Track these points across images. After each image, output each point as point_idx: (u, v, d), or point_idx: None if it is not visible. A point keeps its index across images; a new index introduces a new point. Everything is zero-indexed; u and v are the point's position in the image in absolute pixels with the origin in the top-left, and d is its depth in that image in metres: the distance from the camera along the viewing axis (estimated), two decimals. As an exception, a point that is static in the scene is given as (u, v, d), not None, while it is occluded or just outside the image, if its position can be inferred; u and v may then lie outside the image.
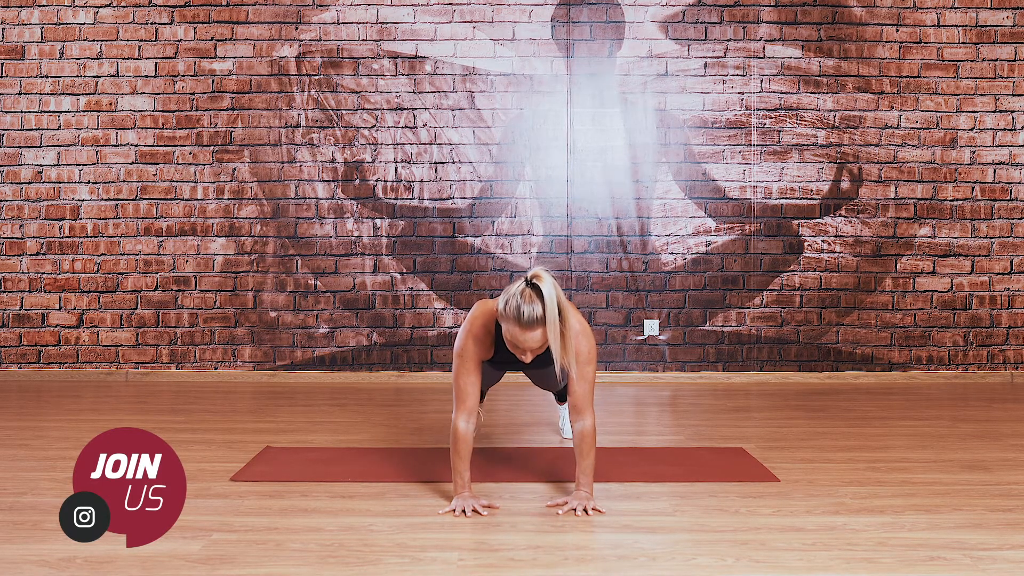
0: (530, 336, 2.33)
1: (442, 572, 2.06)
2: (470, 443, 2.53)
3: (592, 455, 2.54)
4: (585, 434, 2.53)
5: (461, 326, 2.60)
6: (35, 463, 3.09)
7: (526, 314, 2.31)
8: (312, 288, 5.02)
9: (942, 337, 5.04)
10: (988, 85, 5.02)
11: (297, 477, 2.89)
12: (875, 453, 3.26)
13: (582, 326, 2.53)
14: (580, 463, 2.54)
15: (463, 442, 2.52)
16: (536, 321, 2.31)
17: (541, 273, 2.35)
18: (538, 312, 2.31)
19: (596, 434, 2.55)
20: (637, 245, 5.03)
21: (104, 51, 5.01)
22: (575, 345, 2.47)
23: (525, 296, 2.32)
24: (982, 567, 2.09)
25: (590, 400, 2.53)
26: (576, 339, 2.48)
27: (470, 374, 2.54)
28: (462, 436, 2.52)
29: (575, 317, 2.52)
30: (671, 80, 5.02)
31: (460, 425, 2.52)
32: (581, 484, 2.54)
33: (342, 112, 5.00)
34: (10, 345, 5.04)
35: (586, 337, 2.52)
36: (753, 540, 2.28)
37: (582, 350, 2.50)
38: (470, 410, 2.53)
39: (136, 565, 2.09)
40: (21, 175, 5.03)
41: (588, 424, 2.53)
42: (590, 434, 2.53)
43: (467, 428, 2.52)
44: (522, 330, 2.33)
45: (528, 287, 2.34)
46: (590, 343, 2.53)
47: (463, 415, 2.53)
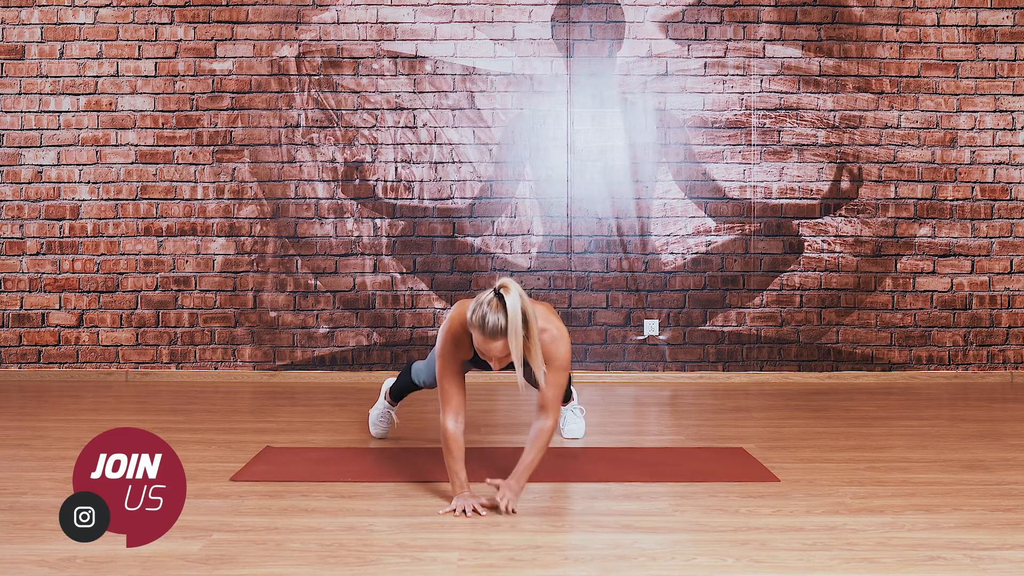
0: (494, 346, 2.37)
1: (442, 572, 2.06)
2: (461, 442, 2.54)
3: (539, 455, 2.54)
4: (542, 432, 2.54)
5: (441, 326, 2.62)
6: (35, 463, 3.09)
7: (490, 323, 2.34)
8: (312, 288, 5.02)
9: (942, 337, 5.05)
10: (988, 85, 5.02)
11: (297, 477, 2.89)
12: (875, 453, 3.26)
13: (559, 331, 2.55)
14: (524, 456, 2.55)
15: (454, 441, 2.53)
16: (499, 332, 2.35)
17: (508, 284, 2.38)
18: (501, 323, 2.34)
19: (551, 437, 2.57)
20: (637, 245, 5.03)
21: (104, 51, 5.01)
22: (552, 350, 2.51)
23: (491, 306, 2.35)
24: (982, 567, 2.09)
25: (557, 404, 2.56)
26: (553, 344, 2.51)
27: (452, 375, 2.57)
28: (452, 436, 2.53)
29: (552, 323, 2.55)
30: (671, 80, 5.02)
31: (449, 425, 2.54)
32: (514, 475, 2.53)
33: (342, 112, 5.01)
34: (10, 345, 5.04)
35: (563, 343, 2.55)
36: (753, 540, 2.28)
37: (559, 355, 2.53)
38: (456, 409, 2.56)
39: (136, 565, 2.09)
40: (21, 175, 5.03)
41: (549, 425, 2.55)
42: (547, 434, 2.54)
43: (456, 427, 2.54)
44: (485, 339, 2.36)
45: (495, 297, 2.36)
46: (566, 348, 2.55)
47: (450, 415, 2.55)
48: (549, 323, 2.55)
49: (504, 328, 2.34)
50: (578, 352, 5.03)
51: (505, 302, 2.34)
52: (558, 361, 2.53)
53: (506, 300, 2.34)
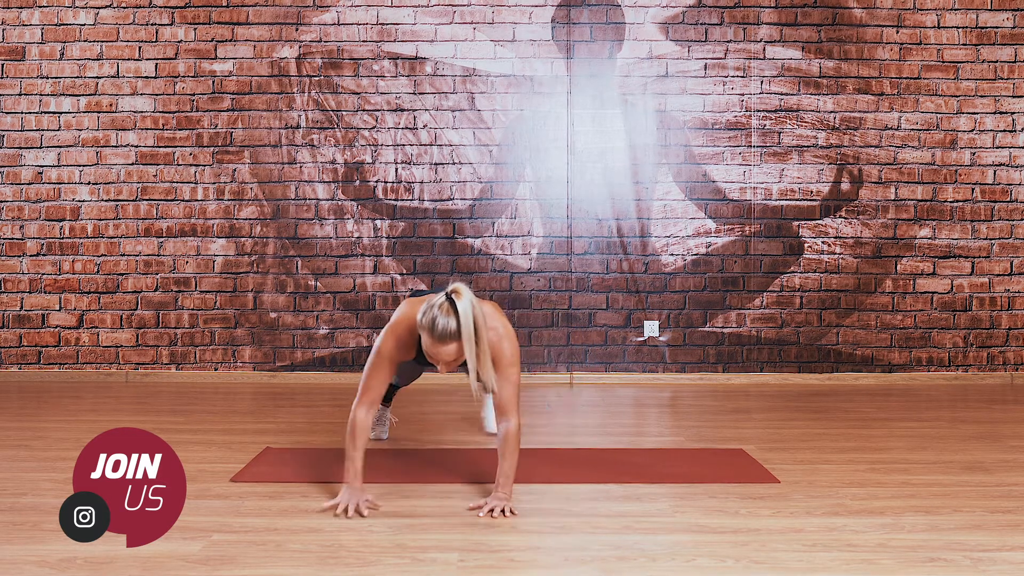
0: (443, 350, 2.37)
1: (442, 572, 2.06)
2: (368, 432, 2.55)
3: (515, 457, 2.54)
4: (509, 435, 2.53)
5: (387, 324, 2.62)
6: (35, 463, 3.09)
7: (440, 327, 2.34)
8: (312, 289, 5.02)
9: (942, 338, 5.04)
10: (988, 86, 5.02)
11: (297, 478, 2.89)
12: (875, 454, 3.26)
13: (506, 329, 2.56)
14: (502, 464, 2.54)
15: (361, 431, 2.53)
16: (449, 336, 2.35)
17: (460, 289, 2.38)
18: (452, 327, 2.34)
19: (520, 436, 2.56)
20: (637, 246, 5.03)
21: (104, 52, 5.01)
22: (499, 349, 2.52)
23: (442, 310, 2.35)
24: (982, 568, 2.09)
25: (515, 402, 2.56)
26: (499, 342, 2.52)
27: (382, 372, 2.58)
28: (361, 425, 2.53)
29: (499, 321, 2.56)
30: (671, 81, 5.02)
31: (360, 414, 2.54)
32: (500, 485, 2.54)
33: (342, 113, 5.01)
34: (10, 346, 5.04)
35: (509, 340, 2.55)
36: (753, 541, 2.28)
37: (505, 353, 2.53)
38: (372, 402, 2.57)
39: (136, 565, 2.09)
40: (21, 176, 5.03)
41: (513, 425, 2.54)
42: (514, 436, 2.54)
43: (366, 419, 2.55)
44: (434, 343, 2.36)
45: (447, 301, 2.36)
46: (513, 346, 2.56)
47: (364, 405, 2.56)
48: (495, 322, 2.56)
49: (454, 332, 2.34)
50: (578, 353, 5.04)
51: (457, 307, 2.34)
52: (506, 359, 2.54)
53: (458, 305, 2.34)
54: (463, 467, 3.06)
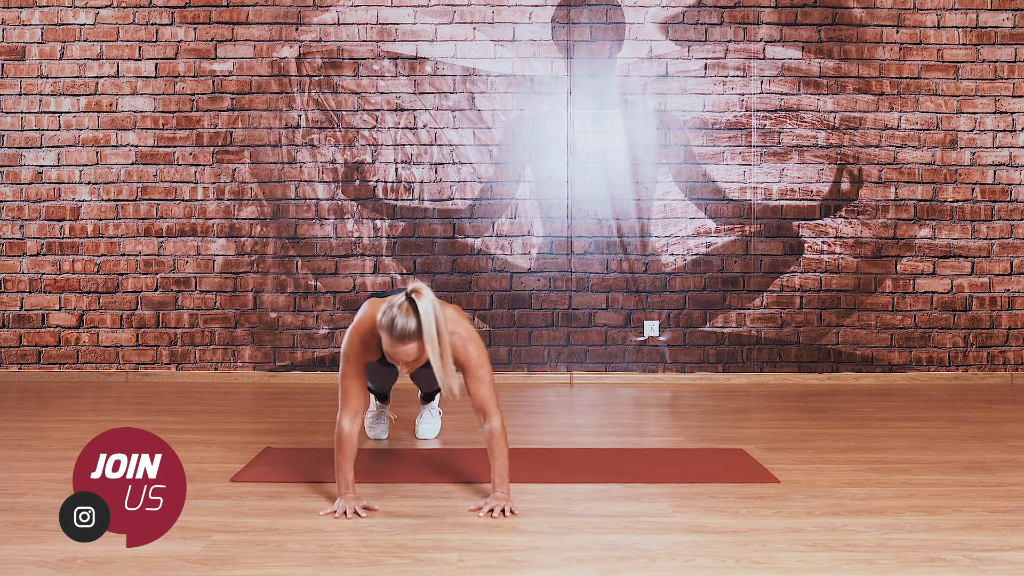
0: (403, 349, 2.35)
1: (442, 572, 2.06)
2: (355, 444, 2.54)
3: (505, 455, 2.54)
4: (495, 435, 2.53)
5: (350, 326, 2.61)
6: (35, 463, 3.09)
7: (399, 327, 2.32)
8: (312, 289, 5.02)
9: (942, 338, 5.04)
10: (988, 86, 5.02)
11: (297, 478, 2.89)
12: (875, 454, 3.26)
13: (468, 332, 2.57)
14: (494, 464, 2.54)
15: (347, 443, 2.53)
16: (409, 336, 2.33)
17: (421, 289, 2.37)
18: (412, 327, 2.32)
19: (506, 433, 2.56)
20: (637, 246, 5.03)
21: (104, 52, 5.01)
22: (464, 352, 2.52)
23: (402, 309, 2.33)
24: (982, 568, 2.09)
25: (494, 400, 2.55)
26: (464, 346, 2.52)
27: (355, 376, 2.56)
28: (346, 436, 2.53)
29: (462, 325, 2.56)
30: (671, 81, 5.02)
31: (344, 425, 2.53)
32: (497, 486, 2.53)
33: (342, 113, 5.01)
34: (10, 346, 5.04)
35: (473, 342, 2.56)
36: (753, 541, 2.28)
37: (472, 355, 2.54)
38: (355, 411, 2.55)
39: (136, 565, 2.09)
40: (21, 176, 5.03)
41: (496, 424, 2.54)
42: (499, 434, 2.53)
43: (351, 428, 2.54)
44: (394, 342, 2.34)
45: (407, 301, 2.35)
46: (478, 347, 2.56)
47: (347, 416, 2.54)
48: (458, 326, 2.55)
49: (413, 332, 2.32)
50: (578, 353, 5.04)
51: (417, 306, 2.33)
52: (473, 361, 2.54)
53: (418, 305, 2.33)
54: (463, 467, 3.07)
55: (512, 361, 5.03)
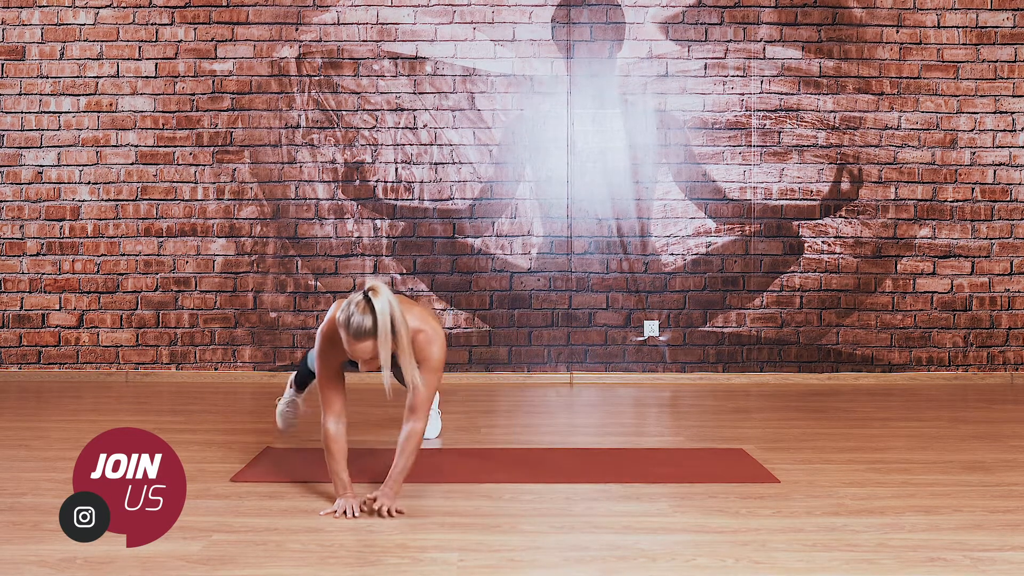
0: (360, 347, 2.36)
1: (442, 572, 2.06)
2: (343, 443, 2.56)
3: (412, 458, 2.54)
4: (413, 435, 2.54)
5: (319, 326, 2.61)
6: (35, 463, 3.09)
7: (355, 325, 2.33)
8: (312, 289, 5.02)
9: (942, 338, 5.04)
10: (988, 86, 5.02)
11: (297, 478, 2.90)
12: (875, 454, 3.26)
13: (435, 332, 2.56)
14: (397, 461, 2.54)
15: (335, 443, 2.55)
16: (365, 334, 2.34)
17: (378, 287, 2.37)
18: (367, 325, 2.33)
19: (421, 440, 2.57)
20: (637, 246, 5.03)
21: (104, 52, 5.01)
22: (427, 351, 2.52)
23: (359, 307, 2.34)
24: (982, 568, 2.09)
25: (428, 405, 2.56)
26: (428, 344, 2.53)
27: (331, 378, 2.58)
28: (333, 437, 2.55)
29: (428, 324, 2.56)
30: (671, 81, 5.02)
31: (330, 427, 2.55)
32: (387, 483, 2.53)
33: (342, 113, 5.01)
34: (10, 346, 5.04)
35: (439, 344, 2.56)
36: (753, 541, 2.28)
37: (433, 356, 2.54)
38: (338, 412, 2.57)
39: (136, 565, 2.09)
40: (21, 176, 5.03)
41: (419, 427, 2.54)
42: (417, 436, 2.54)
43: (337, 429, 2.55)
44: (351, 341, 2.35)
45: (363, 299, 2.36)
46: (441, 351, 2.57)
47: (331, 418, 2.56)
48: (425, 324, 2.55)
49: (370, 330, 2.33)
50: (578, 353, 5.04)
51: (373, 305, 2.34)
52: (432, 362, 2.54)
53: (374, 303, 2.34)
54: (462, 467, 3.07)
55: (512, 361, 5.03)
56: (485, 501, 2.64)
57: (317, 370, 2.59)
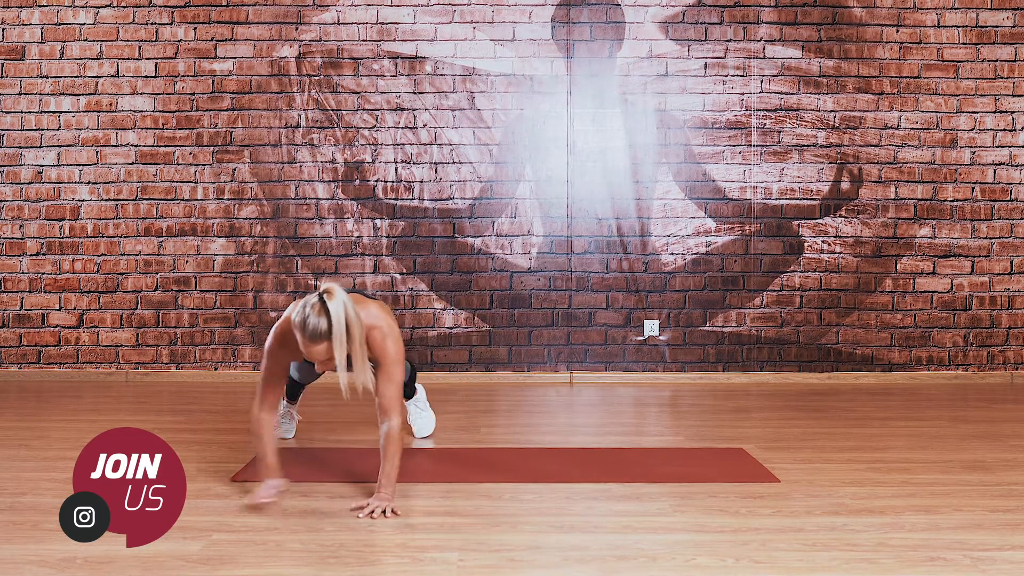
0: (315, 349, 2.36)
1: (442, 572, 2.06)
2: (271, 428, 2.57)
3: (397, 457, 2.53)
4: (391, 436, 2.52)
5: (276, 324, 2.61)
6: (35, 463, 3.09)
7: (311, 327, 2.34)
8: (312, 288, 5.02)
9: (942, 338, 5.04)
10: (988, 86, 5.02)
11: (297, 477, 2.89)
12: (875, 453, 3.26)
13: (390, 328, 2.58)
14: (383, 464, 2.53)
15: (263, 425, 2.56)
16: (320, 336, 2.34)
17: (333, 289, 2.37)
18: (323, 327, 2.33)
19: (402, 436, 2.56)
20: (637, 245, 5.03)
21: (104, 51, 5.01)
22: (382, 347, 2.54)
23: (314, 309, 2.35)
24: (982, 568, 2.09)
25: (398, 401, 2.56)
26: (383, 341, 2.54)
27: (274, 375, 2.59)
28: (263, 422, 2.57)
29: (383, 320, 2.57)
30: (671, 80, 5.02)
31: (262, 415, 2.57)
32: (382, 486, 2.52)
33: (342, 112, 5.01)
34: (10, 345, 5.04)
35: (394, 339, 2.57)
36: (753, 541, 2.28)
37: (389, 351, 2.55)
38: (271, 405, 2.59)
39: (136, 565, 2.09)
40: (21, 175, 5.03)
41: (395, 425, 2.53)
42: (396, 436, 2.53)
43: (267, 418, 2.57)
44: (307, 342, 2.36)
45: (319, 301, 2.36)
46: (398, 345, 2.57)
47: (265, 409, 2.59)
48: (380, 320, 2.56)
49: (325, 332, 2.34)
50: (578, 353, 5.03)
51: (328, 307, 2.33)
52: (389, 357, 2.55)
53: (329, 306, 2.34)
54: (462, 467, 3.07)
55: (512, 361, 5.03)
56: (485, 501, 2.64)
57: (263, 365, 2.59)
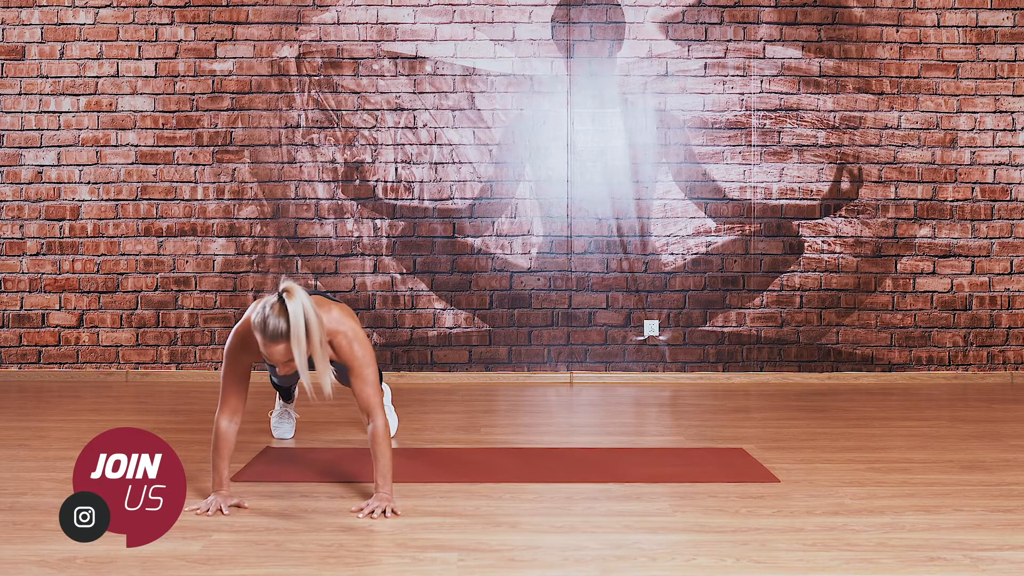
0: (275, 349, 2.34)
1: (442, 572, 2.06)
2: (230, 443, 2.55)
3: (387, 456, 2.52)
4: (377, 435, 2.52)
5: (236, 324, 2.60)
6: (35, 463, 3.09)
7: (270, 327, 2.31)
8: (312, 289, 5.01)
9: (942, 338, 5.04)
10: (988, 86, 5.02)
11: (297, 477, 2.90)
12: (875, 453, 3.26)
13: (355, 332, 2.56)
14: (376, 465, 2.52)
15: (223, 441, 2.54)
16: (279, 336, 2.31)
17: (292, 288, 2.34)
18: (282, 328, 2.31)
19: (388, 434, 2.54)
20: (637, 245, 5.03)
21: (104, 51, 5.01)
22: (349, 352, 2.53)
23: (273, 310, 2.32)
24: (982, 567, 2.09)
25: (377, 401, 2.55)
26: (349, 346, 2.53)
27: (235, 376, 2.57)
28: (222, 435, 2.54)
29: (347, 324, 2.56)
30: (671, 80, 5.02)
31: (222, 424, 2.55)
32: (380, 486, 2.52)
33: (342, 112, 5.01)
34: (10, 345, 5.04)
35: (359, 342, 2.56)
36: (753, 541, 2.28)
37: (357, 355, 2.54)
38: (233, 410, 2.57)
39: (136, 565, 2.09)
40: (21, 175, 5.03)
41: (379, 424, 2.53)
42: (382, 434, 2.52)
43: (228, 427, 2.55)
44: (266, 343, 2.33)
45: (278, 301, 2.34)
46: (364, 347, 2.56)
47: (225, 415, 2.56)
48: (343, 325, 2.55)
49: (284, 332, 2.31)
50: (578, 353, 5.03)
51: (287, 307, 2.32)
52: (359, 361, 2.54)
53: (288, 306, 2.31)
54: (463, 467, 3.07)
55: (512, 361, 5.03)
56: (485, 501, 2.64)
57: (223, 369, 2.58)
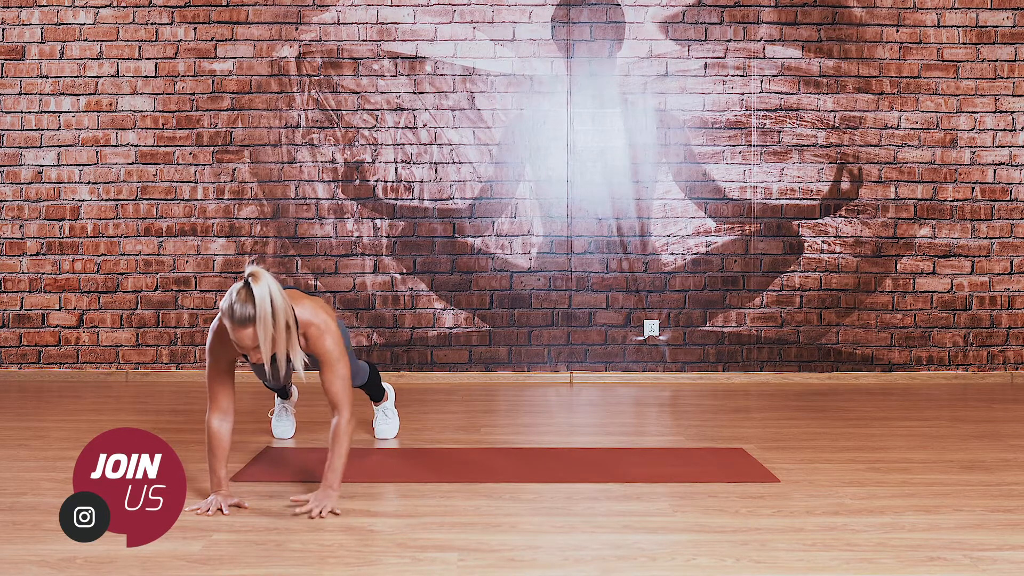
0: (243, 335, 2.33)
1: (442, 572, 2.06)
2: (224, 442, 2.54)
3: (344, 452, 2.51)
4: (339, 430, 2.51)
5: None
6: (35, 463, 3.09)
7: (238, 312, 2.30)
8: (312, 288, 5.02)
9: (942, 337, 5.04)
10: (988, 85, 5.02)
11: (297, 477, 2.90)
12: (875, 453, 3.26)
13: (327, 325, 2.55)
14: (330, 458, 2.52)
15: (217, 441, 2.54)
16: (247, 320, 2.30)
17: (258, 272, 2.34)
18: (249, 312, 2.30)
19: (351, 431, 2.54)
20: (637, 245, 5.03)
21: (104, 51, 5.01)
22: (320, 344, 2.52)
23: (240, 295, 2.31)
24: (982, 567, 2.09)
25: (347, 395, 2.54)
26: (320, 338, 2.52)
27: (220, 374, 2.55)
28: (215, 435, 2.54)
29: (319, 317, 2.54)
30: (671, 80, 5.02)
31: (213, 424, 2.54)
32: (328, 480, 2.51)
33: (342, 112, 5.01)
34: (10, 345, 5.04)
35: (331, 335, 2.54)
36: (753, 541, 2.28)
37: (328, 348, 2.53)
38: (224, 410, 2.55)
39: (136, 565, 2.09)
40: (21, 175, 5.03)
41: (344, 419, 2.53)
42: (344, 431, 2.52)
43: (220, 427, 2.54)
44: (234, 328, 2.32)
45: (244, 286, 2.33)
46: (336, 340, 2.55)
47: (216, 415, 2.55)
48: (316, 317, 2.54)
49: (251, 316, 2.30)
50: (578, 353, 5.04)
51: (253, 291, 2.30)
52: (330, 355, 2.53)
53: (254, 290, 2.30)
54: (463, 467, 3.07)
55: (512, 361, 5.03)
56: (485, 501, 2.64)
57: (207, 365, 2.56)
